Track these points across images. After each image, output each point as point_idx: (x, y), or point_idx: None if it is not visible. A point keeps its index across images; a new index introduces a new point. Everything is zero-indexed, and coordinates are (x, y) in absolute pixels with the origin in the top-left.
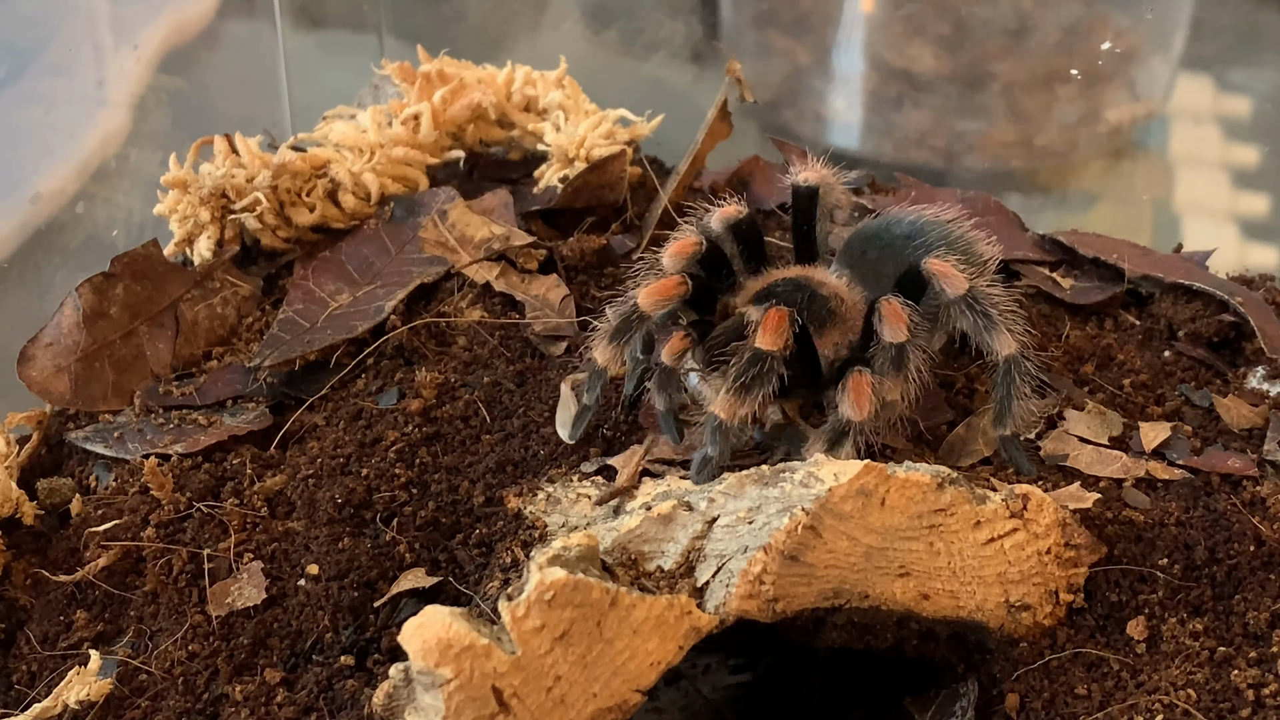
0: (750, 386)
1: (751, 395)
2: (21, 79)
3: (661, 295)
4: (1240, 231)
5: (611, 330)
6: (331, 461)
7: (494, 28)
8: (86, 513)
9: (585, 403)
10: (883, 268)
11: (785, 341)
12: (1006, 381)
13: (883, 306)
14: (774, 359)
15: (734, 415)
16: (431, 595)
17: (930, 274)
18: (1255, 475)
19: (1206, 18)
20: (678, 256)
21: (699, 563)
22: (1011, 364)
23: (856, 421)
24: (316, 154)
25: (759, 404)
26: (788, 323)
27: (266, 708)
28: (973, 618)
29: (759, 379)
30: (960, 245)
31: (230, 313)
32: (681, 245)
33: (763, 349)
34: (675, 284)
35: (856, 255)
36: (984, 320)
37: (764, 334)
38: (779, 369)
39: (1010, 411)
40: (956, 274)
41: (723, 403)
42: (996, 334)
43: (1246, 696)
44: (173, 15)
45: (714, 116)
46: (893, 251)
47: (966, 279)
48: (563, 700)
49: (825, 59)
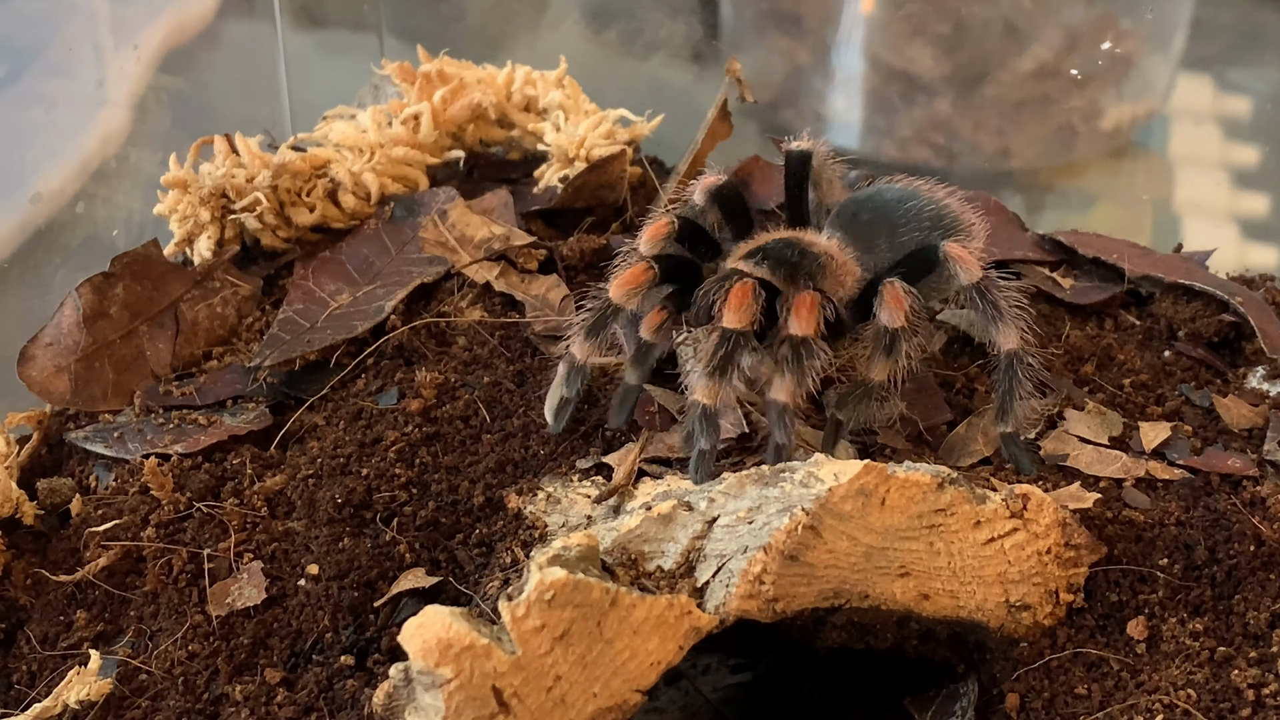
0: (724, 367)
1: (727, 375)
2: (21, 79)
3: (630, 285)
4: (1240, 231)
5: (588, 326)
6: (331, 461)
7: (494, 28)
8: (86, 513)
9: (565, 395)
10: (875, 229)
11: (752, 317)
12: (1008, 377)
13: (885, 290)
14: (741, 335)
15: (716, 398)
16: (431, 595)
17: (946, 257)
18: (1255, 475)
19: (1206, 18)
20: (652, 241)
21: (699, 563)
22: (1014, 359)
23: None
24: (316, 154)
25: (737, 382)
26: (751, 297)
27: (266, 708)
28: (973, 618)
29: (731, 358)
30: (949, 214)
31: (230, 313)
32: (654, 229)
33: (729, 328)
34: (642, 271)
35: (849, 218)
36: (993, 310)
37: (729, 312)
38: (750, 343)
39: (1011, 409)
40: (973, 259)
41: (702, 389)
42: (1003, 326)
43: (1246, 696)
44: (173, 15)
45: (714, 116)
46: (884, 214)
47: (982, 268)
48: (563, 700)
49: (825, 59)
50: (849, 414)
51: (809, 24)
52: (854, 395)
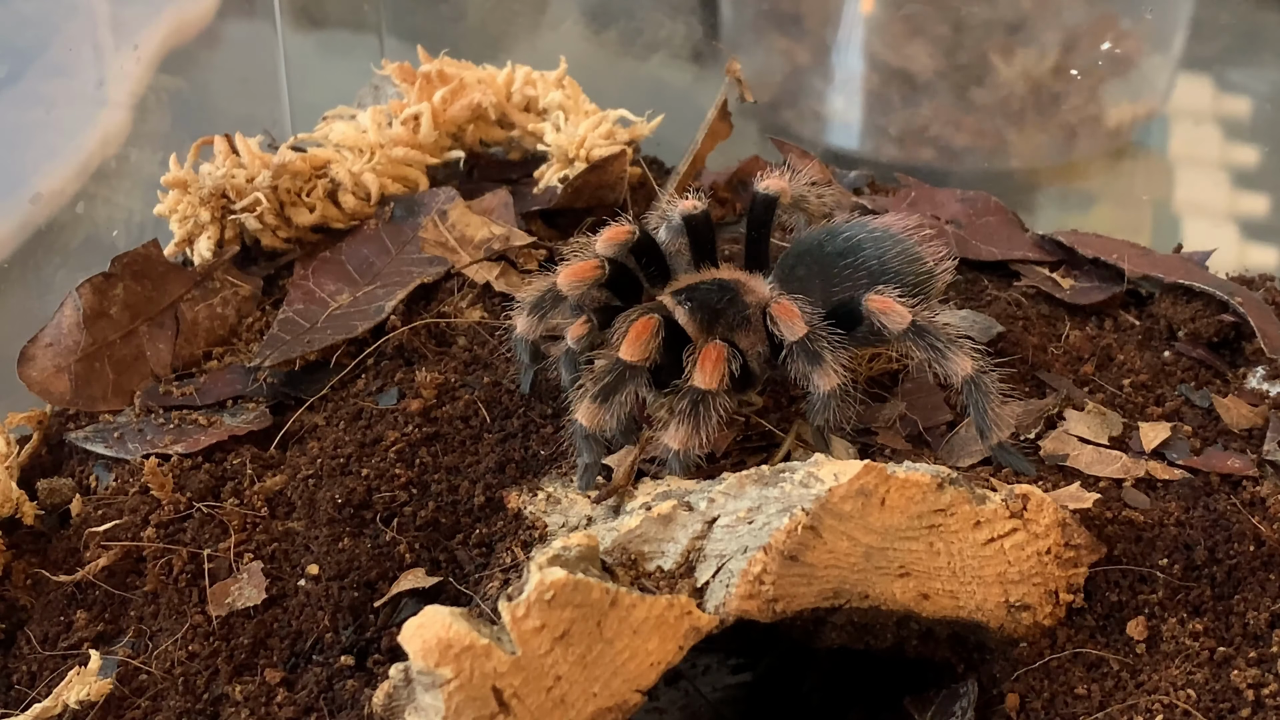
0: (608, 394)
1: (610, 403)
2: (21, 79)
3: (578, 277)
4: (1240, 231)
5: (530, 304)
6: (331, 461)
7: (494, 28)
8: (86, 513)
9: (524, 361)
10: (810, 285)
11: (647, 353)
12: (972, 402)
13: (773, 309)
14: (633, 369)
15: (595, 422)
16: (431, 595)
17: (870, 312)
18: (1255, 475)
19: (1206, 18)
20: (609, 242)
21: (699, 563)
22: (971, 384)
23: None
24: (316, 154)
25: (620, 411)
26: (650, 334)
27: (266, 708)
28: (973, 618)
29: (617, 387)
30: (896, 265)
31: (230, 313)
32: (614, 232)
33: (623, 359)
34: (592, 267)
35: (788, 270)
36: (933, 351)
37: (626, 344)
38: (640, 377)
39: (989, 423)
40: (898, 308)
41: (584, 411)
42: (948, 361)
43: (1246, 696)
44: (173, 15)
45: (714, 116)
46: (821, 269)
47: (909, 311)
48: (563, 700)
49: (825, 59)
50: (823, 420)
51: (809, 24)
52: (817, 406)
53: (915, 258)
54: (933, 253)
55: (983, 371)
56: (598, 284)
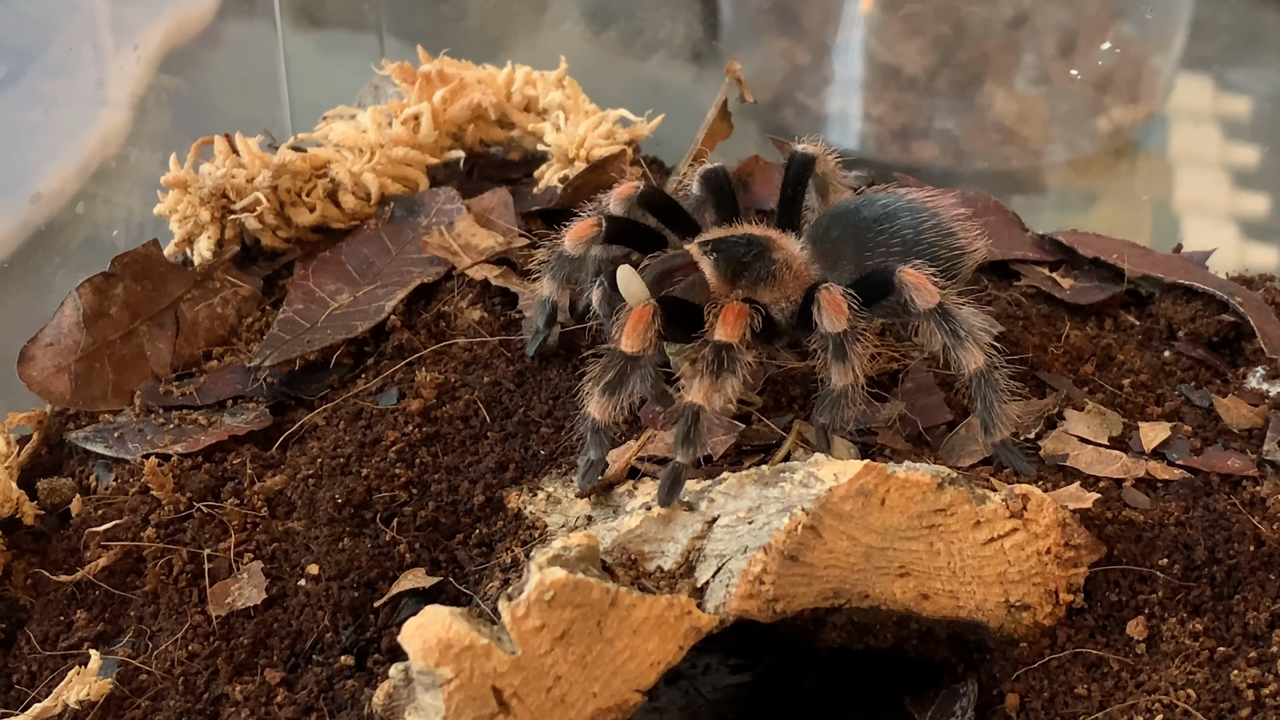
0: (614, 388)
1: (617, 396)
2: (21, 79)
3: (579, 236)
4: (1240, 231)
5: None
6: (331, 461)
7: (494, 28)
8: (86, 513)
9: (537, 325)
10: (843, 248)
11: (647, 343)
12: (980, 396)
13: (821, 295)
14: (633, 360)
15: (607, 414)
16: (431, 595)
17: (903, 284)
18: (1255, 475)
19: (1206, 18)
20: (620, 199)
21: (699, 563)
22: (980, 378)
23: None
24: (316, 154)
25: (627, 404)
26: (647, 322)
27: (266, 708)
28: (972, 618)
29: (621, 380)
30: (930, 237)
31: (230, 313)
32: (623, 189)
33: (625, 351)
34: (590, 225)
35: (821, 231)
36: (952, 336)
37: (625, 336)
38: (646, 367)
39: (994, 420)
40: (930, 285)
41: (596, 404)
42: (963, 350)
43: (1246, 696)
44: (173, 15)
45: (714, 116)
46: (855, 233)
47: (939, 292)
48: (563, 700)
49: (825, 59)
50: (828, 419)
51: (808, 24)
52: (826, 403)
53: (950, 232)
54: (966, 232)
55: (995, 367)
56: (598, 240)
